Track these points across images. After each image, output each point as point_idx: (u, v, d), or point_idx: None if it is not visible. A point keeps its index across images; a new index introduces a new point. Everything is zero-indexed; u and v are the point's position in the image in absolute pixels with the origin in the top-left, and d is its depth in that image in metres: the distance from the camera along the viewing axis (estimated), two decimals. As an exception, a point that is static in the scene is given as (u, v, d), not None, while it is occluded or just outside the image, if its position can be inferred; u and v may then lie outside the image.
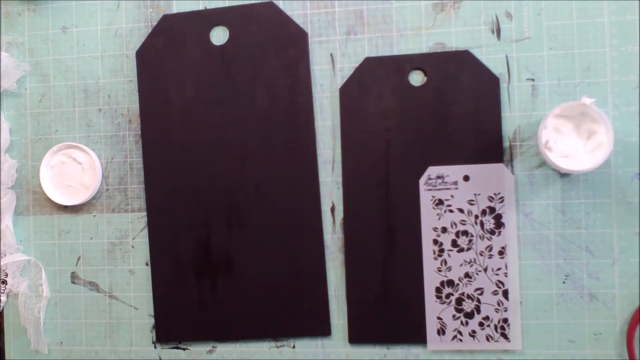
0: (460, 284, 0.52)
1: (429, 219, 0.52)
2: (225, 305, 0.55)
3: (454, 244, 0.52)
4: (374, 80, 0.53)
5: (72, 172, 0.57)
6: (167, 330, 0.56)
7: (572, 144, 0.48)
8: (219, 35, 0.56)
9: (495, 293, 0.51)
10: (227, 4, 0.56)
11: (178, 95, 0.56)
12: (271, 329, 0.54)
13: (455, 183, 0.52)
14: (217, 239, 0.55)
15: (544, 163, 0.51)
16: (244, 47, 0.55)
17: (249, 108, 0.55)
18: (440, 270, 0.52)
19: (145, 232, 0.56)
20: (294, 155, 0.54)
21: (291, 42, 0.54)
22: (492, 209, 0.51)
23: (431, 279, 0.52)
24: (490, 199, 0.51)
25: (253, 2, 0.55)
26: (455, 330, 0.52)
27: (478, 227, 0.51)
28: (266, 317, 0.54)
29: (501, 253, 0.51)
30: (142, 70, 0.57)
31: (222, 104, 0.55)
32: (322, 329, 0.54)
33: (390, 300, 0.52)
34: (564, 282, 0.51)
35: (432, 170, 0.52)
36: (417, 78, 0.53)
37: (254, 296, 0.54)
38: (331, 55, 0.55)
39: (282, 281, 0.54)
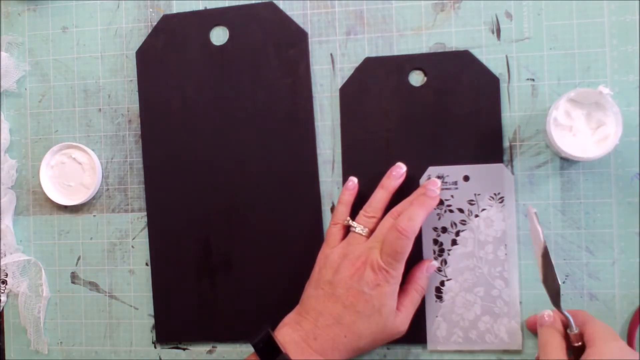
0: (461, 284, 0.52)
1: (429, 219, 0.52)
2: (225, 305, 0.55)
3: (454, 243, 0.52)
4: (374, 80, 0.53)
5: (72, 172, 0.57)
6: (167, 330, 0.56)
7: (580, 130, 0.48)
8: (219, 35, 0.56)
9: (495, 293, 0.51)
10: (227, 4, 0.56)
11: (178, 95, 0.56)
12: (272, 329, 0.54)
13: (455, 183, 0.52)
14: (217, 239, 0.55)
15: (544, 163, 0.51)
16: (244, 47, 0.55)
17: (249, 108, 0.55)
18: (440, 270, 0.52)
19: (145, 232, 0.56)
20: (294, 155, 0.54)
21: (291, 42, 0.54)
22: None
23: (431, 279, 0.52)
24: (491, 198, 0.51)
25: (253, 2, 0.55)
26: (455, 330, 0.52)
27: (478, 227, 0.51)
28: (266, 317, 0.54)
29: (501, 253, 0.51)
30: (142, 70, 0.57)
31: (222, 104, 0.55)
32: None
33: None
34: (564, 282, 0.51)
35: (432, 170, 0.52)
36: (417, 78, 0.53)
37: (254, 296, 0.54)
38: (331, 55, 0.55)
39: (282, 281, 0.54)
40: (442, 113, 0.52)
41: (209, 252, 0.55)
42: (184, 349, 0.56)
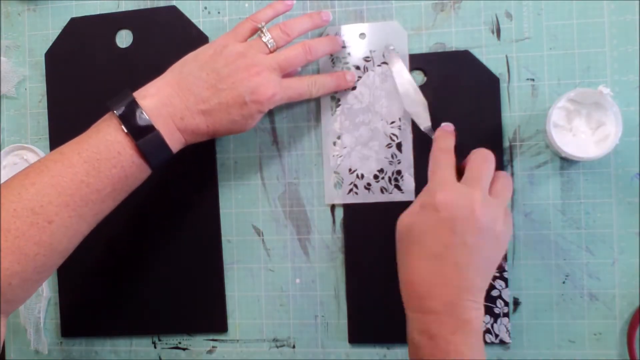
0: (357, 139, 0.53)
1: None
2: (120, 302, 0.56)
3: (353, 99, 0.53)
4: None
5: None
6: (74, 326, 0.57)
7: (580, 130, 0.48)
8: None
9: (389, 146, 0.52)
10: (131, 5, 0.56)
11: (86, 97, 0.56)
12: (165, 324, 0.56)
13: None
14: (120, 239, 0.55)
15: (544, 163, 0.51)
16: (147, 50, 0.56)
17: None
18: (335, 122, 0.53)
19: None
20: (194, 158, 0.55)
21: (192, 46, 0.54)
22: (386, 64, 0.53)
23: (329, 133, 0.53)
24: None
25: (157, 5, 0.56)
26: (351, 184, 0.53)
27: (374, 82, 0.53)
28: (169, 314, 0.55)
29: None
30: (52, 72, 0.57)
31: None
32: (218, 325, 0.55)
33: (390, 300, 0.52)
34: (564, 282, 0.51)
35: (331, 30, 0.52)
36: (417, 78, 0.53)
37: (152, 294, 0.56)
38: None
39: (180, 279, 0.55)
40: (442, 113, 0.52)
41: (113, 252, 0.56)
42: (183, 349, 0.56)
